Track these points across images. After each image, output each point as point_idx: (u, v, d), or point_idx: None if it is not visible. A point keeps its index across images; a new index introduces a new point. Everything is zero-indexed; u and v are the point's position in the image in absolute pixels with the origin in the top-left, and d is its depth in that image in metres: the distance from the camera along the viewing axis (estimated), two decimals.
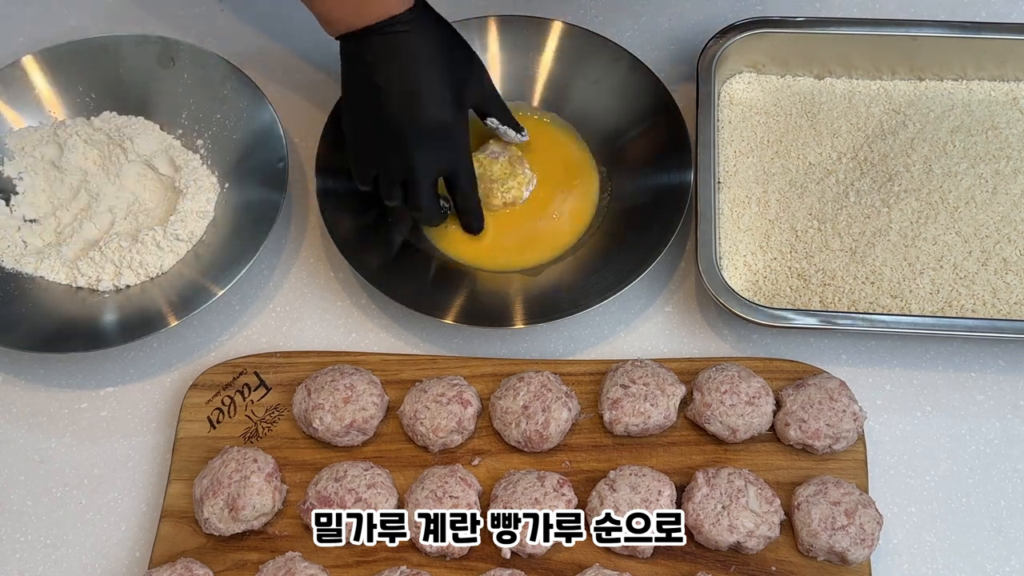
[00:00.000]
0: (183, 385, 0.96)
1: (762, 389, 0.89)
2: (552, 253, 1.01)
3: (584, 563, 0.85)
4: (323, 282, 1.02)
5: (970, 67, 1.04)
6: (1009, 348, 0.95)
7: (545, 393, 0.89)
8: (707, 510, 0.84)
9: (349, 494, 0.85)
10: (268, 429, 0.92)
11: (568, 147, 1.06)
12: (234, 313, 1.01)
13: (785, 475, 0.88)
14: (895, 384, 0.94)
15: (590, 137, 1.06)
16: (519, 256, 1.01)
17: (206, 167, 1.04)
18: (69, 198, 1.03)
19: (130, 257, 0.98)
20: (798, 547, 0.85)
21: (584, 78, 1.06)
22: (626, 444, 0.90)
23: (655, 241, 0.95)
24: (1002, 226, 0.97)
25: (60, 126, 1.05)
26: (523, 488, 0.85)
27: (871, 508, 0.84)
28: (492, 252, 1.01)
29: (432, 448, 0.90)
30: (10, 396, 0.97)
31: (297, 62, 1.15)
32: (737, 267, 0.97)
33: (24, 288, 0.99)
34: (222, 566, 0.86)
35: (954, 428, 0.92)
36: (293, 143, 1.10)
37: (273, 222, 0.97)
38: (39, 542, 0.91)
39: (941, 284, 0.94)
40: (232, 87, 1.05)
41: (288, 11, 1.19)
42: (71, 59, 1.07)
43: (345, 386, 0.89)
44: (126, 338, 0.94)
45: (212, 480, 0.86)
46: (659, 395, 0.88)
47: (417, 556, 0.86)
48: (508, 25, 1.07)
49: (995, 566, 0.86)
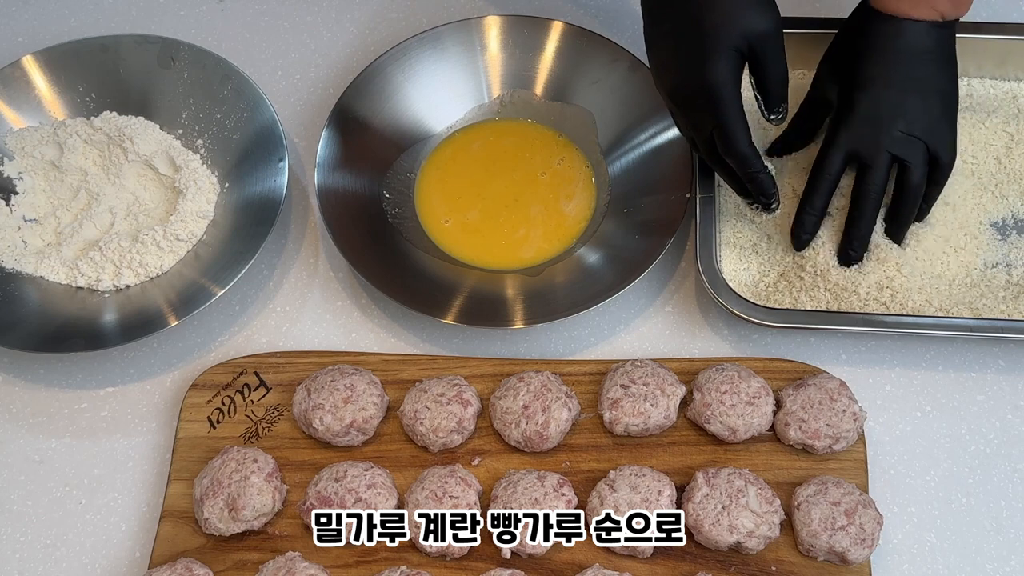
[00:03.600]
0: (183, 385, 0.96)
1: (762, 389, 0.89)
2: (552, 253, 1.01)
3: (584, 563, 0.85)
4: (323, 282, 1.02)
5: (971, 67, 1.04)
6: (1009, 348, 0.95)
7: (545, 393, 0.89)
8: (707, 510, 0.84)
9: (349, 494, 0.85)
10: (268, 429, 0.92)
11: (568, 147, 1.06)
12: (234, 313, 1.01)
13: (785, 475, 0.88)
14: (895, 384, 0.94)
15: (590, 137, 1.06)
16: (519, 256, 1.01)
17: (206, 167, 1.04)
18: (69, 198, 1.03)
19: (130, 257, 0.98)
20: (798, 547, 0.85)
21: (584, 78, 1.06)
22: (626, 444, 0.90)
23: (655, 241, 0.95)
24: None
25: (60, 126, 1.05)
26: (523, 488, 0.85)
27: (871, 508, 0.84)
28: (492, 252, 1.01)
29: (432, 448, 0.90)
30: (10, 396, 0.97)
31: (297, 62, 1.15)
32: (737, 267, 0.97)
33: (24, 288, 0.99)
34: (222, 566, 0.86)
35: (954, 428, 0.92)
36: (293, 143, 1.10)
37: (273, 222, 0.97)
38: (39, 542, 0.91)
39: (941, 284, 0.94)
40: (232, 87, 1.05)
41: (288, 11, 1.19)
42: (71, 59, 1.07)
43: (345, 386, 0.89)
44: (126, 338, 0.94)
45: (212, 480, 0.86)
46: (659, 395, 0.88)
47: (417, 556, 0.86)
48: (508, 25, 1.07)
49: (995, 566, 0.86)
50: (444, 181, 1.05)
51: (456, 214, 1.03)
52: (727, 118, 0.84)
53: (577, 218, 1.02)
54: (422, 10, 1.17)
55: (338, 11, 1.19)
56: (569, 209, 1.03)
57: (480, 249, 1.01)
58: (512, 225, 1.02)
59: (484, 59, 1.08)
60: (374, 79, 1.05)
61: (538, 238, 1.02)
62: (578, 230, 1.02)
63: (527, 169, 1.05)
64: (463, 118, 1.08)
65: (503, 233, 1.02)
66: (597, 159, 1.05)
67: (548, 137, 1.07)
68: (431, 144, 1.07)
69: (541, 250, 1.01)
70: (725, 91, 0.84)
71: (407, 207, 1.04)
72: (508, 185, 1.04)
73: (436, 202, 1.04)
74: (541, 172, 1.05)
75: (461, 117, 1.08)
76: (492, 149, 1.07)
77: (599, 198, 1.03)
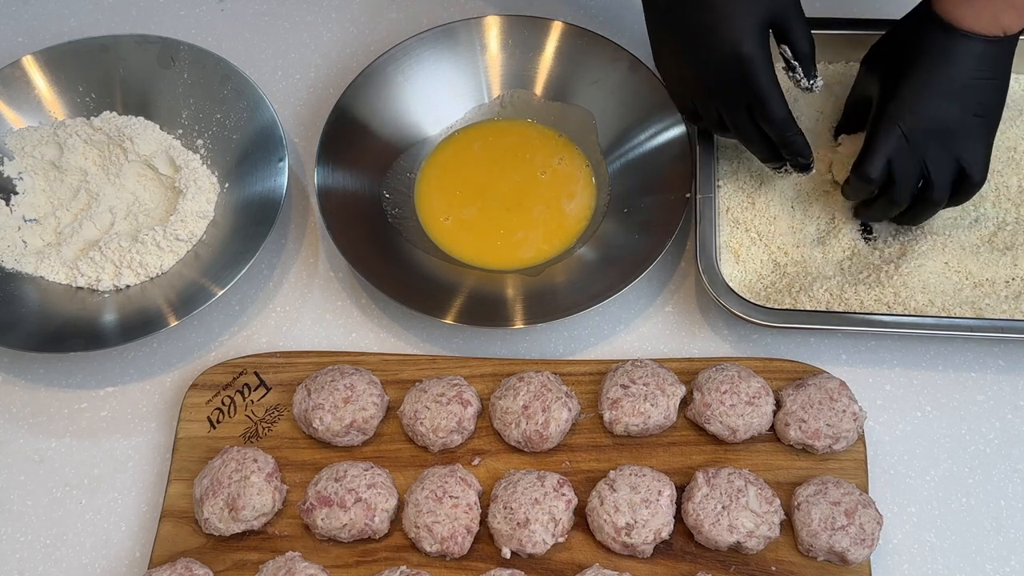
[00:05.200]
0: (183, 385, 0.96)
1: (762, 389, 0.89)
2: (552, 253, 1.01)
3: (584, 563, 0.85)
4: (323, 282, 1.02)
5: None
6: (1009, 348, 0.95)
7: (545, 393, 0.89)
8: (707, 510, 0.84)
9: (349, 494, 0.85)
10: (268, 429, 0.92)
11: (568, 147, 1.06)
12: (234, 313, 1.01)
13: (785, 475, 0.88)
14: (895, 384, 0.94)
15: (590, 137, 1.06)
16: (519, 256, 1.01)
17: (206, 167, 1.04)
18: (69, 198, 1.03)
19: (130, 257, 0.98)
20: (798, 547, 0.85)
21: (584, 78, 1.06)
22: (626, 444, 0.90)
23: (655, 241, 0.95)
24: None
25: (60, 126, 1.05)
26: (523, 488, 0.85)
27: (871, 508, 0.84)
28: (492, 252, 1.01)
29: (432, 448, 0.90)
30: (10, 396, 0.97)
31: (297, 62, 1.15)
32: (737, 267, 0.97)
33: (24, 288, 0.99)
34: (222, 566, 0.86)
35: (954, 428, 0.92)
36: (293, 143, 1.10)
37: (273, 222, 0.97)
38: (39, 542, 0.91)
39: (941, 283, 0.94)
40: (232, 87, 1.05)
41: (288, 11, 1.19)
42: (71, 59, 1.07)
43: (345, 386, 0.89)
44: (126, 338, 0.94)
45: (212, 480, 0.86)
46: (659, 395, 0.88)
47: (417, 556, 0.86)
48: (508, 25, 1.07)
49: (995, 566, 0.86)
50: (444, 181, 1.05)
51: (456, 214, 1.03)
52: (766, 86, 0.86)
53: (577, 218, 1.02)
54: (422, 10, 1.17)
55: (338, 11, 1.19)
56: (569, 209, 1.03)
57: (480, 249, 1.01)
58: (512, 225, 1.02)
59: (484, 59, 1.08)
60: (374, 79, 1.05)
61: (538, 238, 1.02)
62: (578, 230, 1.02)
63: (527, 169, 1.05)
64: (463, 118, 1.08)
65: (503, 233, 1.02)
66: (597, 159, 1.05)
67: (548, 137, 1.07)
68: (431, 144, 1.07)
69: (541, 250, 1.01)
70: (760, 60, 0.85)
71: (407, 207, 1.04)
72: (508, 185, 1.04)
73: (436, 202, 1.04)
74: (541, 172, 1.05)
75: (461, 117, 1.08)
76: (492, 149, 1.07)
77: (599, 198, 1.03)
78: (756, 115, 0.88)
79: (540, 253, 1.01)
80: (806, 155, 0.91)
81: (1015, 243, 0.96)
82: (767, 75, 0.86)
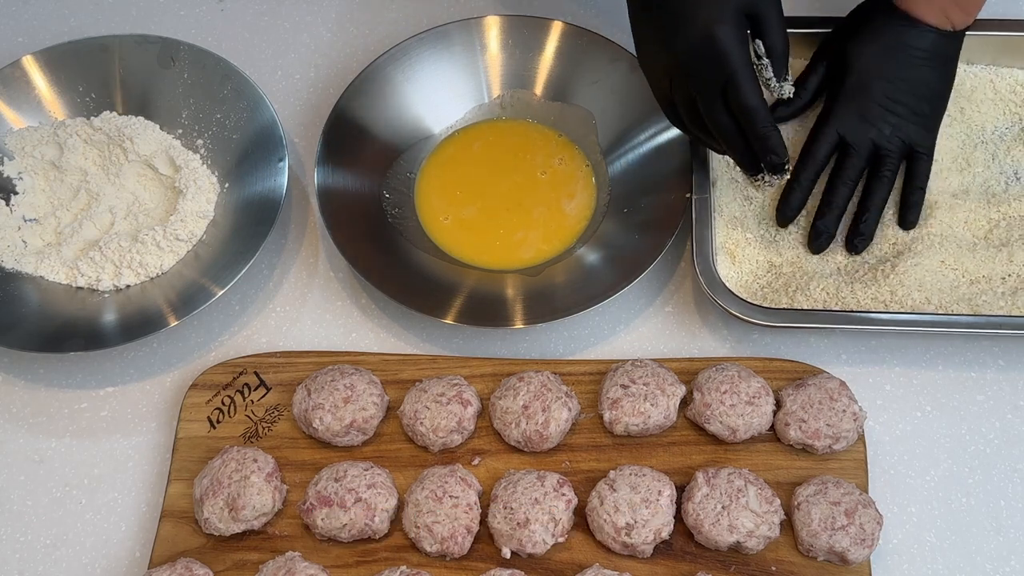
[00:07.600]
0: (183, 385, 0.96)
1: (762, 389, 0.89)
2: (552, 253, 1.01)
3: (584, 563, 0.85)
4: (323, 282, 1.02)
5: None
6: (1009, 348, 0.95)
7: (545, 393, 0.89)
8: (707, 510, 0.84)
9: (349, 494, 0.85)
10: (268, 429, 0.92)
11: (568, 147, 1.06)
12: (234, 313, 1.01)
13: (785, 475, 0.88)
14: (895, 384, 0.94)
15: (590, 137, 1.06)
16: (519, 256, 1.01)
17: (206, 167, 1.04)
18: (69, 198, 1.03)
19: (130, 257, 0.98)
20: (798, 547, 0.85)
21: (584, 78, 1.06)
22: (626, 444, 0.90)
23: (655, 241, 0.95)
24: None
25: (60, 126, 1.05)
26: (523, 488, 0.85)
27: (871, 508, 0.84)
28: (492, 251, 1.01)
29: (432, 448, 0.90)
30: (10, 396, 0.97)
31: (297, 62, 1.15)
32: (733, 267, 0.97)
33: (24, 288, 0.99)
34: (222, 566, 0.86)
35: (954, 428, 0.92)
36: (293, 143, 1.10)
37: (273, 222, 0.97)
38: (39, 542, 0.91)
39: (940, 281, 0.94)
40: (232, 87, 1.05)
41: (288, 11, 1.19)
42: (71, 59, 1.07)
43: (345, 386, 0.89)
44: (126, 338, 0.94)
45: (212, 480, 0.86)
46: (659, 395, 0.88)
47: (417, 556, 0.86)
48: (508, 25, 1.07)
49: (995, 566, 0.86)
50: (444, 181, 1.05)
51: (456, 214, 1.03)
52: (739, 70, 0.85)
53: (577, 218, 1.02)
54: (422, 10, 1.17)
55: (338, 11, 1.19)
56: (569, 209, 1.03)
57: (480, 249, 1.01)
58: (512, 225, 1.02)
59: (484, 59, 1.08)
60: (374, 79, 1.05)
61: (538, 238, 1.02)
62: (578, 230, 1.02)
63: (527, 169, 1.05)
64: (463, 118, 1.08)
65: (503, 233, 1.02)
66: (597, 159, 1.05)
67: (548, 137, 1.07)
68: (431, 144, 1.07)
69: (541, 250, 1.01)
70: (734, 40, 0.86)
71: (407, 207, 1.04)
72: (508, 185, 1.04)
73: (436, 202, 1.04)
74: (541, 172, 1.05)
75: (461, 117, 1.08)
76: (492, 149, 1.07)
77: (599, 198, 1.03)
78: (731, 103, 0.87)
79: (540, 253, 1.01)
80: (780, 154, 0.89)
81: (1010, 239, 0.95)
82: (740, 57, 0.85)
